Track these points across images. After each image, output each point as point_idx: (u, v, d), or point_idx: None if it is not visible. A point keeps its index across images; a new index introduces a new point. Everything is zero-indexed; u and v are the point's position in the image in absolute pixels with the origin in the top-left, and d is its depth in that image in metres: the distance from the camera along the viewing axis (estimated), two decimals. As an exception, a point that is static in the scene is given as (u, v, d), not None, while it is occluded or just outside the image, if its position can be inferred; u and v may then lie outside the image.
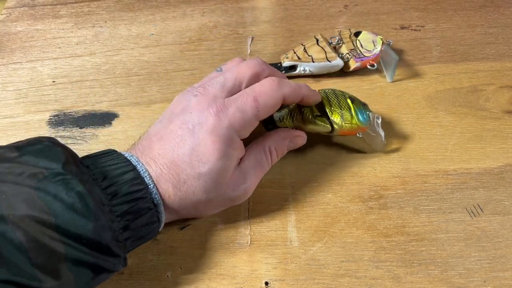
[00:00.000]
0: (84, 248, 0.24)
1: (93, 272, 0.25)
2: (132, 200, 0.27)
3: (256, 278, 0.32)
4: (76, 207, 0.23)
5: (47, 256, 0.22)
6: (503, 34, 0.45)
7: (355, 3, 0.50)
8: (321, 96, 0.36)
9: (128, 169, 0.27)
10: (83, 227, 0.23)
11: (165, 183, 0.29)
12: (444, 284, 0.31)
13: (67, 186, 0.24)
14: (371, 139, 0.37)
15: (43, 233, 0.22)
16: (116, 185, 0.26)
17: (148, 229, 0.28)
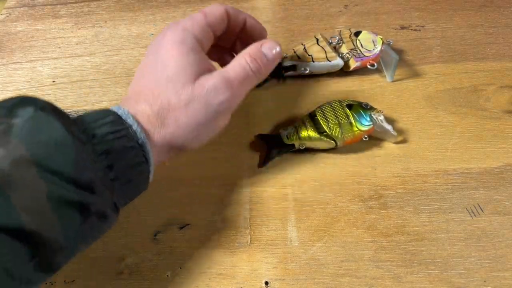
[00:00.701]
0: (67, 185, 0.22)
1: (81, 215, 0.23)
2: (114, 140, 0.26)
3: (256, 278, 0.32)
4: (55, 141, 0.23)
5: (28, 196, 0.21)
6: (503, 34, 0.45)
7: (355, 3, 0.50)
8: (318, 115, 0.37)
9: (107, 114, 0.27)
10: (64, 161, 0.23)
11: (143, 105, 0.29)
12: (444, 283, 0.31)
13: (46, 123, 0.23)
14: (381, 135, 0.37)
15: (23, 171, 0.21)
16: (95, 128, 0.26)
17: (136, 171, 0.27)
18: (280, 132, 0.38)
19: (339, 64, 0.42)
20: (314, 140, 0.36)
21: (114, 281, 0.32)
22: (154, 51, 0.31)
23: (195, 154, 0.39)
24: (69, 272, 0.33)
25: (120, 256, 0.34)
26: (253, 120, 0.41)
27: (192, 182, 0.37)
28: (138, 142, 0.28)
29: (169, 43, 0.30)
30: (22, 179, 0.21)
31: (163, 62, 0.30)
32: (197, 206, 0.36)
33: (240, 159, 0.38)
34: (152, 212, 0.36)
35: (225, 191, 0.36)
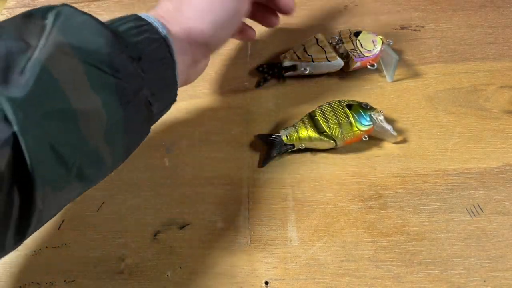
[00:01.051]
0: (103, 67, 0.24)
1: (119, 99, 0.25)
2: (139, 33, 0.27)
3: (256, 278, 0.32)
4: (87, 27, 0.24)
5: (71, 76, 0.22)
6: (503, 34, 0.45)
7: (355, 3, 0.50)
8: (318, 115, 0.37)
9: (128, 16, 0.29)
10: (98, 45, 0.24)
11: (164, 3, 0.31)
12: (444, 283, 0.31)
13: (73, 13, 0.25)
14: (381, 135, 0.37)
15: (64, 55, 0.23)
16: (120, 24, 0.27)
17: (162, 64, 0.29)
18: (280, 132, 0.38)
19: (339, 64, 0.42)
20: (314, 140, 0.36)
21: (114, 281, 0.32)
22: None
23: (195, 154, 0.39)
24: (69, 272, 0.33)
25: (120, 256, 0.34)
26: (253, 120, 0.41)
27: (192, 182, 0.37)
28: (161, 35, 0.29)
29: None
30: (64, 62, 0.22)
31: None
32: (197, 206, 0.36)
33: (240, 159, 0.38)
34: (152, 212, 0.36)
35: (225, 191, 0.36)
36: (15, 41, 0.22)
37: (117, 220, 0.36)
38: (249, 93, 0.43)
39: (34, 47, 0.22)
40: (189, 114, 0.42)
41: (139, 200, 0.37)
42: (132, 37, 0.27)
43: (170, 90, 0.30)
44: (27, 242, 0.35)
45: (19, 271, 0.34)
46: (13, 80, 0.20)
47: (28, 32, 0.23)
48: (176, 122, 0.41)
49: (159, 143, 0.40)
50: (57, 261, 0.34)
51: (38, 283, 0.33)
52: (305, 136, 0.37)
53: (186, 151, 0.39)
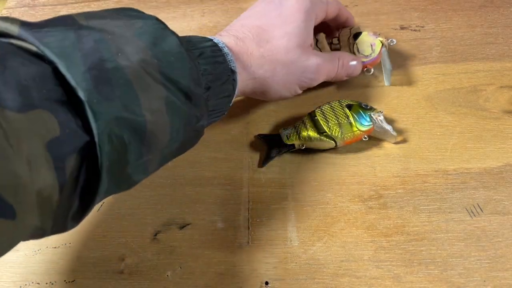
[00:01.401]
0: (179, 94, 0.25)
1: (184, 124, 0.26)
2: (214, 63, 0.29)
3: (256, 278, 0.32)
4: (174, 54, 0.25)
5: (150, 97, 0.23)
6: (503, 34, 0.45)
7: (355, 4, 0.50)
8: (318, 115, 0.37)
9: (206, 40, 0.30)
10: (181, 73, 0.25)
11: (249, 42, 0.33)
12: (444, 283, 0.31)
13: (164, 34, 0.25)
14: (381, 135, 0.37)
15: (148, 74, 0.23)
16: (200, 48, 0.29)
17: (224, 98, 0.31)
18: (280, 132, 0.38)
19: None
20: (314, 140, 0.36)
21: (114, 281, 0.32)
22: (278, 3, 0.35)
23: (195, 154, 0.39)
24: (69, 272, 0.33)
25: (120, 256, 0.34)
26: (253, 120, 0.41)
27: (192, 182, 0.37)
28: (232, 70, 0.31)
29: (296, 5, 0.34)
30: (147, 80, 0.23)
31: (287, 19, 0.34)
32: (197, 206, 0.36)
33: (240, 159, 0.38)
34: (152, 212, 0.36)
35: (225, 191, 0.36)
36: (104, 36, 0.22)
37: (117, 220, 0.36)
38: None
39: (124, 53, 0.22)
40: (189, 114, 0.42)
41: (139, 200, 0.37)
42: (207, 65, 0.28)
43: (221, 115, 0.32)
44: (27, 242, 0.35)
45: (19, 271, 0.34)
46: (102, 90, 0.21)
47: (118, 32, 0.23)
48: (176, 122, 0.41)
49: (159, 143, 0.40)
50: (57, 261, 0.34)
51: (38, 283, 0.33)
52: (305, 136, 0.37)
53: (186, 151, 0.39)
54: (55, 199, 0.20)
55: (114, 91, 0.21)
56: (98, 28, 0.23)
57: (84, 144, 0.20)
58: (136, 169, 0.24)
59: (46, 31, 0.21)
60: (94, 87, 0.20)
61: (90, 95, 0.20)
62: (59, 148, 0.19)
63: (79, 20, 0.23)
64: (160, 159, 0.26)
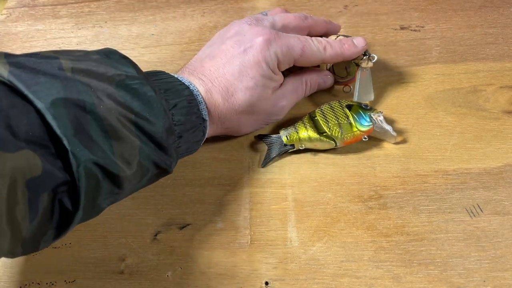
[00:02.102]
0: (152, 145, 0.27)
1: (154, 172, 0.29)
2: (188, 113, 0.30)
3: (256, 278, 0.32)
4: (150, 109, 0.27)
5: (124, 146, 0.25)
6: (503, 34, 0.45)
7: (355, 3, 0.50)
8: (318, 116, 0.37)
9: (184, 87, 0.31)
10: (155, 127, 0.27)
11: (216, 95, 0.33)
12: (444, 284, 0.31)
13: (143, 89, 0.27)
14: (381, 135, 0.37)
15: (125, 126, 0.25)
16: (177, 98, 0.30)
17: (195, 143, 0.33)
18: (280, 132, 0.38)
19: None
20: (314, 140, 0.37)
21: (114, 281, 0.32)
22: (243, 48, 0.34)
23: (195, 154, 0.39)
24: (70, 272, 0.33)
25: (120, 256, 0.34)
26: (253, 120, 0.41)
27: (192, 182, 0.37)
28: (203, 119, 0.32)
29: (258, 57, 0.33)
30: (124, 131, 0.25)
31: (248, 73, 0.33)
32: (197, 206, 0.36)
33: (240, 159, 0.38)
34: (152, 212, 0.36)
35: (225, 191, 0.36)
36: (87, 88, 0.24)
37: (118, 220, 0.36)
38: (249, 93, 0.43)
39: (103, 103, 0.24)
40: (189, 114, 0.42)
41: (139, 200, 0.37)
42: (182, 117, 0.30)
43: (188, 155, 0.34)
44: (27, 242, 0.35)
45: (19, 271, 0.34)
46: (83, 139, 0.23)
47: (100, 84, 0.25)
48: (176, 123, 0.42)
49: (159, 143, 0.40)
50: (58, 261, 0.34)
51: (38, 283, 0.33)
52: (305, 136, 0.37)
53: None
54: (27, 229, 0.22)
55: (93, 140, 0.23)
56: (83, 80, 0.24)
57: (61, 182, 0.23)
58: (106, 202, 0.26)
59: (34, 77, 0.23)
60: (76, 136, 0.23)
61: (73, 145, 0.22)
62: (37, 186, 0.22)
63: (65, 68, 0.24)
64: (128, 193, 0.29)
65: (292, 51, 0.35)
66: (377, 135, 0.38)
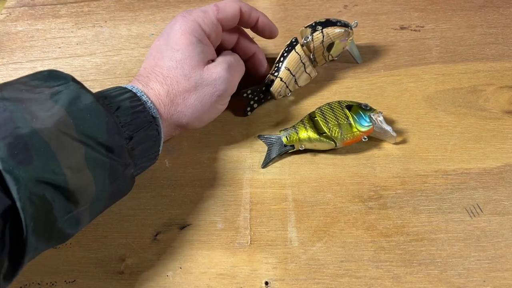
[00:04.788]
0: (99, 148, 0.26)
1: (110, 176, 0.27)
2: (133, 113, 0.29)
3: (256, 278, 0.32)
4: (91, 111, 0.26)
5: (69, 155, 0.24)
6: (503, 34, 0.45)
7: (355, 3, 0.50)
8: (317, 116, 0.37)
9: (125, 91, 0.30)
10: (98, 128, 0.26)
11: (154, 84, 0.33)
12: (443, 284, 0.31)
13: (80, 93, 0.26)
14: (380, 136, 0.38)
15: (65, 134, 0.24)
16: (117, 102, 0.29)
17: (150, 142, 0.31)
18: (280, 133, 0.38)
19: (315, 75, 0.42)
20: (313, 141, 0.37)
21: (115, 281, 0.32)
22: (166, 35, 0.34)
23: (196, 155, 0.39)
24: (70, 272, 0.33)
25: (121, 256, 0.34)
26: (253, 121, 0.41)
27: (192, 182, 0.37)
28: (153, 116, 0.31)
29: (179, 31, 0.34)
30: (64, 140, 0.24)
31: (173, 48, 0.33)
32: (197, 206, 0.36)
33: (240, 160, 0.38)
34: (153, 212, 0.36)
35: (226, 192, 0.36)
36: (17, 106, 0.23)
37: (118, 221, 0.36)
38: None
39: (37, 118, 0.23)
40: (189, 114, 0.42)
41: (140, 200, 0.37)
42: (127, 117, 0.29)
43: (152, 160, 0.33)
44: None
45: (19, 271, 0.34)
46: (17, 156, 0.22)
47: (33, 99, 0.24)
48: (176, 123, 0.41)
49: (159, 143, 0.40)
50: (58, 261, 0.34)
51: (38, 283, 0.33)
52: (305, 137, 0.37)
53: (187, 152, 0.39)
54: None
55: (31, 155, 0.22)
56: (13, 98, 0.24)
57: (6, 208, 0.21)
58: (67, 223, 0.25)
59: None
60: (9, 154, 0.21)
61: (5, 163, 0.21)
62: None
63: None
64: (91, 210, 0.27)
65: (208, 13, 0.35)
66: (377, 136, 0.38)
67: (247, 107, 0.41)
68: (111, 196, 0.28)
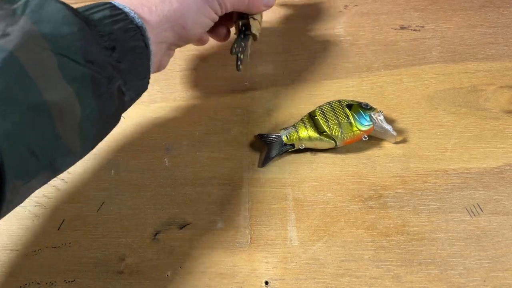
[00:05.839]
0: (76, 57, 0.23)
1: (94, 89, 0.24)
2: (113, 22, 0.27)
3: (256, 278, 0.32)
4: (60, 18, 0.24)
5: (41, 68, 0.22)
6: (503, 34, 0.45)
7: (355, 3, 0.50)
8: (318, 115, 0.37)
9: (103, 3, 0.28)
10: (71, 36, 0.24)
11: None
12: (444, 283, 0.31)
13: (46, 2, 0.24)
14: (381, 135, 0.38)
15: (34, 45, 0.22)
16: (94, 13, 0.27)
17: (136, 53, 0.29)
18: (280, 132, 0.38)
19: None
20: (314, 140, 0.37)
21: (114, 281, 0.32)
22: None
23: (195, 154, 0.39)
24: (70, 272, 0.33)
25: (120, 256, 0.34)
26: (253, 120, 0.41)
27: (192, 181, 0.37)
28: (137, 26, 0.28)
29: None
30: (35, 52, 0.22)
31: None
32: (197, 206, 0.36)
33: (240, 159, 0.38)
34: (152, 211, 0.36)
35: (225, 191, 0.36)
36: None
37: (117, 220, 0.36)
38: (249, 93, 0.43)
39: (1, 34, 0.21)
40: (189, 114, 0.42)
41: (139, 200, 0.37)
42: (107, 26, 0.27)
43: (143, 78, 0.30)
44: (27, 242, 0.35)
45: (19, 271, 0.34)
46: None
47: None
48: (176, 122, 0.42)
49: (159, 143, 0.40)
50: (57, 261, 0.34)
51: (38, 283, 0.33)
52: (305, 136, 0.37)
53: (186, 151, 0.39)
54: None
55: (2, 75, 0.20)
56: None
57: None
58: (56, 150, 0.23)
59: None
60: None
61: None
62: None
63: None
64: (82, 134, 0.25)
65: None
66: (377, 135, 0.38)
67: (237, 62, 0.39)
68: (100, 116, 0.26)
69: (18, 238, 0.35)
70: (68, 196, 0.37)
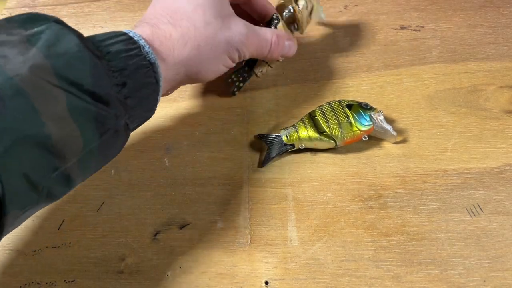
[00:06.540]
0: (85, 96, 0.23)
1: (98, 128, 0.24)
2: (127, 57, 0.27)
3: (256, 278, 0.32)
4: (73, 54, 0.23)
5: (50, 103, 0.21)
6: (503, 34, 0.45)
7: (355, 3, 0.50)
8: (318, 115, 0.37)
9: (119, 34, 0.28)
10: (82, 73, 0.23)
11: (165, 26, 0.30)
12: (444, 283, 0.31)
13: (62, 35, 0.23)
14: (381, 135, 0.38)
15: (43, 79, 0.21)
16: (108, 45, 0.26)
17: (147, 90, 0.28)
18: (280, 132, 0.38)
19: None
20: (314, 140, 0.37)
21: (114, 281, 0.32)
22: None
23: (195, 154, 0.39)
24: (70, 272, 0.33)
25: (120, 256, 0.34)
26: (253, 120, 0.41)
27: (192, 181, 0.37)
28: (150, 62, 0.28)
29: None
30: (43, 87, 0.21)
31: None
32: (197, 206, 0.36)
33: (240, 159, 0.38)
34: (152, 211, 0.36)
35: (225, 191, 0.36)
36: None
37: (117, 220, 0.36)
38: (249, 93, 0.43)
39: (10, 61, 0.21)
40: (189, 114, 0.42)
41: (139, 200, 0.37)
42: (120, 62, 0.26)
43: (149, 111, 0.30)
44: (27, 242, 0.35)
45: (19, 271, 0.34)
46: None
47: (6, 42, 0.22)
48: (176, 122, 0.42)
49: (159, 143, 0.40)
50: (57, 261, 0.34)
51: (38, 283, 0.33)
52: (305, 136, 0.37)
53: (186, 151, 0.39)
54: None
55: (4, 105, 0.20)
56: None
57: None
58: (54, 182, 0.23)
59: None
60: None
61: None
62: None
63: None
64: (82, 166, 0.25)
65: None
66: (377, 135, 0.38)
67: (234, 88, 0.42)
68: (103, 150, 0.26)
69: (18, 238, 0.35)
70: (68, 196, 0.38)
